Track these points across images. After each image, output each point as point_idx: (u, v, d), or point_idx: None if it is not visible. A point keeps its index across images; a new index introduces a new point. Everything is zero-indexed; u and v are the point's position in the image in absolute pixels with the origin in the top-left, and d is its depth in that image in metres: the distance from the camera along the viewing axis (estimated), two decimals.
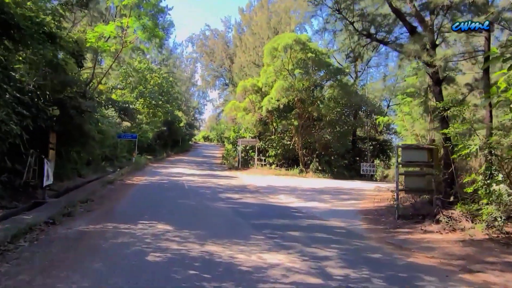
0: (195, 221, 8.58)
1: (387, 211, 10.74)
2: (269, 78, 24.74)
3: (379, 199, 12.49)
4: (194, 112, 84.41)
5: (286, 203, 12.64)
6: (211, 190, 15.25)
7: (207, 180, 19.25)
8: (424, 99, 11.91)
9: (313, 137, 26.35)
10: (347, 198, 13.91)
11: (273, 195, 14.51)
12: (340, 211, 11.20)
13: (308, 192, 15.98)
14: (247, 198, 13.40)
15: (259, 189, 16.76)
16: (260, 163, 28.92)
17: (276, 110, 25.87)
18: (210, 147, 63.93)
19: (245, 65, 35.91)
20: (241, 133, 30.65)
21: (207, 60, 52.03)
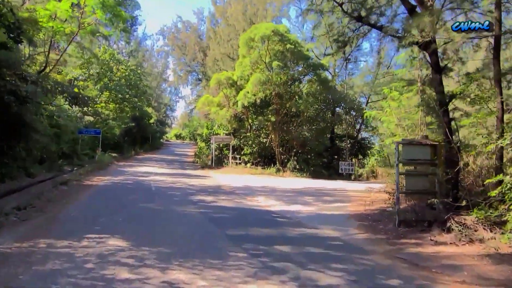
0: (158, 232, 6.93)
1: (382, 215, 9.49)
2: (245, 71, 23.20)
3: (370, 201, 11.25)
4: (165, 109, 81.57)
5: (266, 206, 11.18)
6: (181, 192, 13.57)
7: (177, 180, 17.52)
8: (420, 90, 10.71)
9: (291, 134, 25.06)
10: (332, 200, 12.61)
11: (251, 197, 13.01)
12: (329, 216, 9.84)
13: (289, 193, 14.59)
14: (222, 200, 11.83)
15: (235, 190, 15.22)
16: (234, 162, 27.36)
17: (252, 105, 24.39)
18: (182, 145, 61.79)
19: (219, 58, 34.14)
20: (215, 129, 28.94)
21: (179, 53, 49.70)
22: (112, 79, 27.38)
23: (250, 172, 23.68)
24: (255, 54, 22.09)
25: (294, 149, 25.81)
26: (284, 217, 9.43)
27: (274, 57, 21.43)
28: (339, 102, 27.09)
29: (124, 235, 6.33)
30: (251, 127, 27.63)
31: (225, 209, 10.24)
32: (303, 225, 8.34)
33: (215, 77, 24.56)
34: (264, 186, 17.06)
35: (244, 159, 26.76)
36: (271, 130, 24.93)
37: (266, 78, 21.70)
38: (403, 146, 8.29)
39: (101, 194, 12.19)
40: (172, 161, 32.27)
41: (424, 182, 8.35)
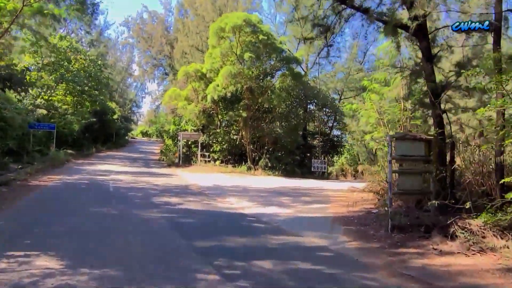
0: (107, 246, 5.56)
1: (368, 218, 8.55)
2: (215, 63, 21.80)
3: (352, 202, 10.33)
4: (131, 105, 78.24)
5: (239, 208, 9.97)
6: (144, 193, 12.09)
7: (140, 180, 15.94)
8: (407, 81, 9.85)
9: (263, 131, 23.95)
10: (310, 201, 11.58)
11: (221, 198, 11.76)
12: (310, 219, 8.78)
13: (263, 193, 13.45)
14: (189, 202, 10.48)
15: (204, 190, 13.90)
16: (203, 160, 25.92)
17: (222, 100, 23.04)
18: (149, 143, 59.26)
19: (188, 51, 32.45)
20: (183, 125, 27.32)
21: (144, 46, 47.25)
22: (69, 70, 25.09)
23: (220, 171, 22.36)
24: (225, 44, 20.74)
25: (266, 147, 24.76)
26: (261, 221, 8.27)
27: (246, 49, 20.21)
28: (312, 98, 26.28)
29: (60, 252, 4.92)
30: (221, 123, 26.28)
31: (193, 213, 8.93)
32: (284, 232, 7.20)
33: (182, 70, 22.96)
34: (236, 185, 15.85)
35: (214, 157, 25.38)
36: (242, 126, 23.70)
37: (237, 71, 20.43)
38: (396, 140, 7.33)
39: (46, 197, 10.51)
40: (136, 159, 30.31)
41: (418, 181, 7.44)
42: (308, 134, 28.81)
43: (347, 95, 30.21)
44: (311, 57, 29.42)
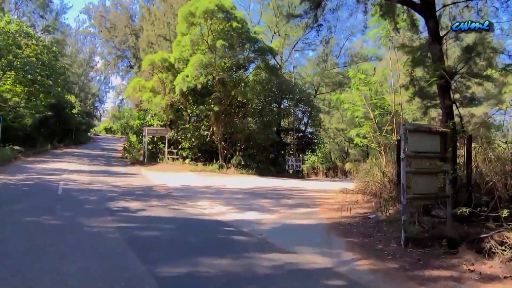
0: (31, 276, 3.85)
1: (367, 226, 7.27)
2: (184, 52, 19.95)
3: (344, 206, 9.01)
4: (93, 99, 74.21)
5: (214, 214, 8.41)
6: (99, 196, 10.25)
7: (97, 180, 14.00)
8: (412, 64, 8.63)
9: (236, 126, 22.39)
10: (294, 204, 10.18)
11: (192, 202, 10.14)
12: (300, 228, 7.38)
13: (239, 195, 11.95)
14: (153, 208, 8.78)
15: (171, 191, 12.23)
16: (171, 157, 24.04)
17: (192, 92, 21.26)
18: (113, 139, 56.19)
19: (154, 40, 30.21)
20: (148, 120, 25.21)
21: (107, 36, 44.09)
22: (18, 56, 22.31)
23: (189, 169, 20.61)
24: (196, 31, 18.96)
25: (239, 144, 23.24)
26: (241, 232, 6.76)
27: (219, 36, 18.52)
28: (287, 93, 24.99)
29: None
30: (191, 118, 24.49)
31: (157, 222, 7.28)
32: (272, 247, 5.72)
33: (148, 59, 20.91)
34: (208, 185, 14.26)
35: (182, 154, 23.55)
36: (213, 122, 22.05)
37: (209, 61, 18.73)
38: (408, 133, 6.01)
39: None
40: (97, 156, 27.88)
41: (433, 183, 6.19)
42: (282, 131, 27.55)
43: (323, 90, 29.22)
44: (285, 50, 28.17)
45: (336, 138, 38.98)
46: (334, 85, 27.82)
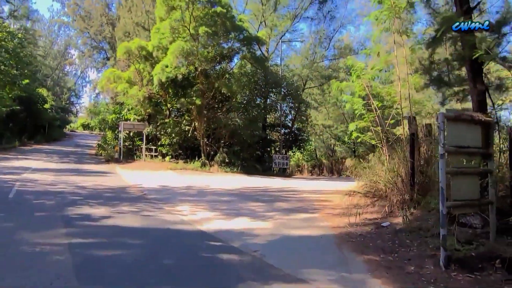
0: None
1: (383, 237, 5.98)
2: (163, 39, 18.26)
3: (347, 210, 7.72)
4: (69, 94, 70.96)
5: (196, 223, 6.95)
6: (58, 199, 8.63)
7: (63, 180, 12.33)
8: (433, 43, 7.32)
9: (219, 122, 20.87)
10: (290, 208, 8.81)
11: (170, 206, 8.65)
12: (303, 240, 6.00)
13: (225, 196, 10.51)
14: (122, 215, 7.25)
15: (148, 193, 10.68)
16: (149, 154, 22.33)
17: (172, 84, 19.63)
18: (90, 136, 53.55)
19: (132, 29, 28.29)
20: (124, 114, 23.37)
21: (82, 26, 41.60)
22: None
23: (169, 167, 18.99)
24: (176, 16, 17.26)
25: (223, 140, 21.75)
26: (231, 248, 5.33)
27: (201, 22, 16.93)
28: (274, 86, 23.59)
29: None
30: (171, 113, 22.81)
31: (123, 235, 5.77)
32: (274, 272, 4.32)
33: (123, 46, 19.09)
34: (189, 186, 12.78)
35: (162, 151, 21.87)
36: (195, 116, 20.45)
37: (190, 49, 17.13)
38: (447, 122, 4.67)
39: None
40: (69, 153, 25.85)
41: (475, 186, 4.90)
42: (268, 127, 26.18)
43: (311, 84, 28.00)
44: (272, 42, 26.76)
45: (322, 135, 37.97)
46: (323, 79, 26.67)
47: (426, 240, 5.59)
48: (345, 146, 36.06)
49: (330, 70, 26.36)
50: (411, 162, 7.47)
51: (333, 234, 6.31)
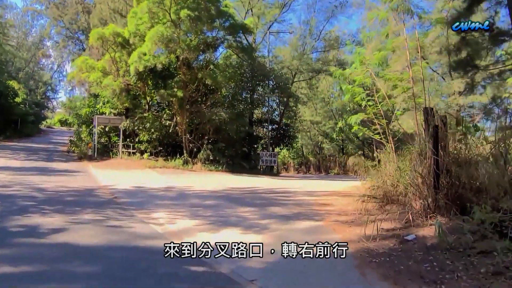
0: None
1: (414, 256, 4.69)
2: (141, 25, 16.60)
3: (357, 217, 6.45)
4: (45, 89, 67.79)
5: (173, 236, 5.52)
6: (6, 205, 7.04)
7: (20, 180, 10.70)
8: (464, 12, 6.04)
9: (203, 116, 19.35)
10: (288, 215, 7.43)
11: (144, 212, 7.19)
12: (312, 262, 4.62)
13: (209, 200, 9.08)
14: (79, 227, 5.76)
15: (119, 196, 9.15)
16: (126, 151, 20.64)
17: (151, 75, 17.98)
18: (67, 132, 50.96)
19: (108, 16, 26.36)
20: (99, 108, 21.56)
21: (55, 14, 39.19)
22: None
23: (147, 165, 17.39)
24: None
25: (207, 136, 20.24)
26: (219, 275, 3.98)
27: (183, 5, 15.34)
28: (261, 78, 22.18)
29: None
30: (150, 106, 21.14)
31: (74, 259, 4.29)
32: None
33: (96, 32, 17.29)
34: (169, 186, 11.30)
35: (140, 148, 20.21)
36: (176, 110, 18.87)
37: (171, 35, 15.55)
38: None
39: None
40: (39, 150, 23.88)
41: None
42: (255, 122, 24.79)
43: (300, 77, 26.74)
44: (259, 33, 25.32)
45: (309, 132, 36.84)
46: (312, 72, 25.44)
47: (472, 261, 4.35)
48: (334, 143, 35.00)
49: (320, 63, 25.17)
50: (435, 159, 6.21)
51: (349, 252, 4.98)
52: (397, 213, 6.56)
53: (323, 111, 32.80)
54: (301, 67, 24.05)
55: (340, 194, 10.52)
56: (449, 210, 5.84)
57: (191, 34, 17.09)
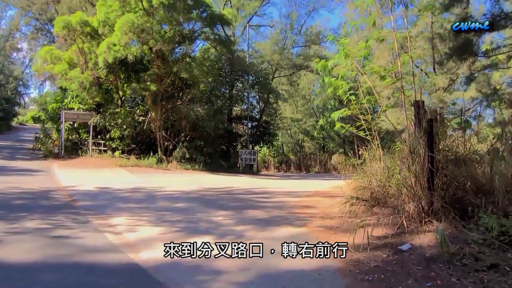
0: None
1: (412, 270, 4.00)
2: (111, 12, 15.45)
3: (342, 222, 5.74)
4: (16, 84, 64.74)
5: (129, 248, 4.67)
6: None
7: None
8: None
9: (179, 111, 18.37)
10: (267, 219, 6.64)
11: (102, 217, 6.28)
12: (294, 280, 3.86)
13: (180, 202, 8.20)
14: (19, 237, 4.83)
15: (79, 198, 8.17)
16: (97, 149, 19.44)
17: (122, 67, 16.87)
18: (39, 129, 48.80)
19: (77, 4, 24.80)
20: (67, 102, 20.20)
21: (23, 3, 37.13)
22: None
23: (118, 164, 16.31)
24: None
25: (183, 133, 19.25)
26: None
27: None
28: (240, 73, 21.30)
29: None
30: (123, 101, 19.96)
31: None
32: None
33: (61, 20, 16.01)
34: (138, 187, 10.35)
35: (112, 146, 19.04)
36: (150, 105, 17.80)
37: (143, 25, 14.50)
38: None
39: None
40: (3, 148, 22.33)
41: None
42: (234, 119, 23.90)
43: (281, 73, 25.98)
44: (239, 27, 24.43)
45: (290, 129, 36.26)
46: (293, 68, 24.75)
47: (482, 278, 3.68)
48: (314, 141, 34.51)
49: (302, 58, 24.52)
50: (430, 157, 5.56)
51: (335, 266, 4.23)
52: (387, 217, 5.89)
53: (304, 109, 32.24)
54: (282, 62, 23.33)
55: (323, 195, 9.85)
56: (447, 214, 5.19)
57: (166, 25, 16.05)
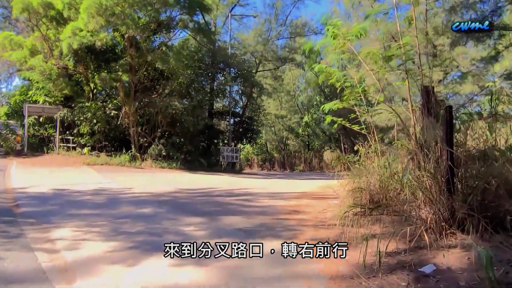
0: None
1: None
2: None
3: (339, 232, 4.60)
4: None
5: (62, 275, 3.37)
6: None
7: None
8: None
9: (155, 105, 16.99)
10: (247, 230, 5.45)
11: (43, 228, 4.99)
12: None
13: (147, 207, 6.93)
14: None
15: (24, 203, 6.81)
16: (65, 146, 17.87)
17: (91, 56, 15.37)
18: (12, 126, 46.22)
19: None
20: (31, 95, 18.51)
21: None
22: None
23: (86, 162, 14.86)
24: None
25: (160, 129, 17.89)
26: None
27: None
28: (222, 65, 20.04)
29: None
30: (94, 95, 18.42)
31: None
32: None
33: (20, 2, 14.33)
34: (101, 189, 9.01)
35: (81, 142, 17.50)
36: (123, 98, 16.36)
37: (113, 8, 13.08)
38: None
39: None
40: None
41: None
42: (215, 115, 22.62)
43: (265, 67, 24.84)
44: (220, 17, 23.13)
45: (274, 126, 35.21)
46: (278, 61, 23.66)
47: None
48: (299, 139, 33.55)
49: (286, 50, 23.48)
50: (449, 153, 4.49)
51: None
52: (395, 226, 4.81)
53: (289, 105, 31.23)
54: (266, 53, 22.21)
55: (312, 196, 8.75)
56: (476, 224, 4.12)
57: (140, 8, 14.66)
